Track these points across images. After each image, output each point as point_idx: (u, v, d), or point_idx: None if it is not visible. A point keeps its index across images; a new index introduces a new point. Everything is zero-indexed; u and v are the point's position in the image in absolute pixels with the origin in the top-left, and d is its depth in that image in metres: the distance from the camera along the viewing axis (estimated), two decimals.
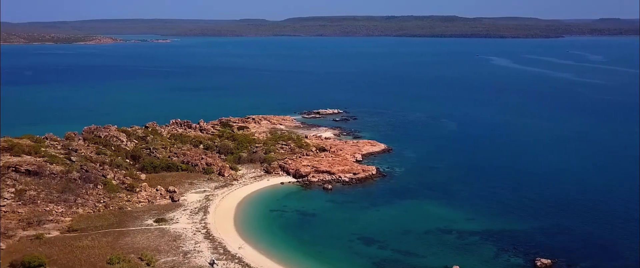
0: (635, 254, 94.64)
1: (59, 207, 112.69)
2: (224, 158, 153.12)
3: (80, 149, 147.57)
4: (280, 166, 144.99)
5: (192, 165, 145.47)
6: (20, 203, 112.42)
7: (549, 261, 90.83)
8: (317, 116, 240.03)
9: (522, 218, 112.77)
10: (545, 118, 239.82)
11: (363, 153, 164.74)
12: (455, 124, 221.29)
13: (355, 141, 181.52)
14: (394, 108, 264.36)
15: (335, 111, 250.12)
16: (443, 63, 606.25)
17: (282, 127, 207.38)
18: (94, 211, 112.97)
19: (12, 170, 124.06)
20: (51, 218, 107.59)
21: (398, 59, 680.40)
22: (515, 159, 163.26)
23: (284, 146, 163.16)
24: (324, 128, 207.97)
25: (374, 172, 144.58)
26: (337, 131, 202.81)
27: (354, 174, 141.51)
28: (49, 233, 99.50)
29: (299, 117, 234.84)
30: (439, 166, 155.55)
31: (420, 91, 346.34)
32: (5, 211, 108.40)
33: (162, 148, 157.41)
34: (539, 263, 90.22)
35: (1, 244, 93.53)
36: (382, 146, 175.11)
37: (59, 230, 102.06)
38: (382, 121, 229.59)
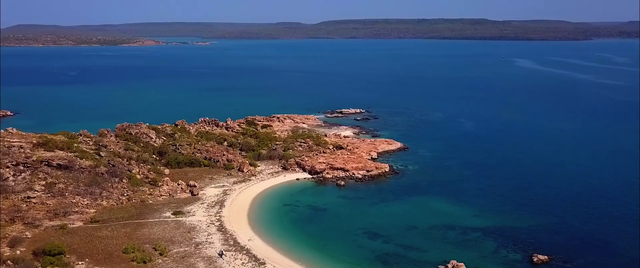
0: (634, 252, 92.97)
1: (84, 199, 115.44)
2: (245, 154, 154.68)
3: (110, 146, 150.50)
4: (297, 163, 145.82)
5: (213, 161, 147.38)
6: (49, 195, 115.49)
7: (546, 257, 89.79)
8: (340, 115, 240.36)
9: (526, 215, 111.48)
10: (561, 118, 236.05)
11: (379, 151, 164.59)
12: (472, 124, 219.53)
13: (372, 139, 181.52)
14: (415, 108, 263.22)
15: (358, 110, 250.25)
16: (468, 64, 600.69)
17: (304, 126, 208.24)
18: (117, 204, 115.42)
19: (45, 164, 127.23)
20: (77, 209, 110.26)
21: (425, 61, 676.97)
22: (527, 159, 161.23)
23: (302, 143, 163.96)
24: (345, 127, 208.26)
25: (387, 169, 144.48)
26: (356, 130, 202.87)
27: (367, 171, 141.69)
28: (73, 224, 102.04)
29: (322, 116, 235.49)
30: (451, 164, 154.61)
31: (443, 91, 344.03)
32: (34, 203, 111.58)
33: (187, 144, 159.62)
34: (535, 259, 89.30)
35: (27, 233, 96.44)
36: (399, 144, 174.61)
37: (82, 221, 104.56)
38: (401, 120, 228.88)
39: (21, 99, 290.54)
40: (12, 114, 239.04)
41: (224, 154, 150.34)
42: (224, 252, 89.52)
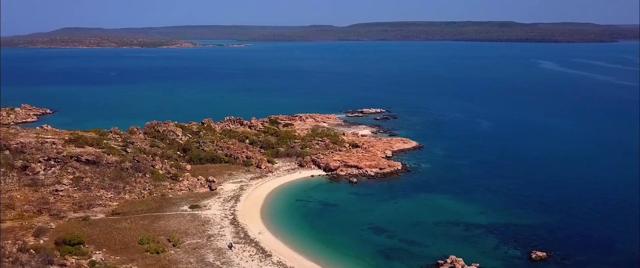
0: (634, 250, 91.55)
1: (108, 193, 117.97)
2: (264, 151, 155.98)
3: (137, 142, 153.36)
4: (312, 160, 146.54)
5: (234, 158, 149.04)
6: (76, 188, 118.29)
7: (544, 254, 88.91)
8: (360, 115, 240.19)
9: (530, 213, 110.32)
10: (578, 119, 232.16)
11: (394, 149, 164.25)
12: (488, 124, 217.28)
13: (389, 138, 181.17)
14: (434, 108, 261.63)
15: (378, 110, 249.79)
16: (492, 66, 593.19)
17: (325, 125, 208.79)
18: (138, 197, 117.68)
19: (75, 160, 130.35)
20: (100, 202, 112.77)
21: (449, 62, 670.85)
22: (539, 159, 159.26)
23: (319, 142, 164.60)
24: (363, 126, 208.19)
25: (400, 167, 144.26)
26: (374, 129, 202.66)
27: (380, 169, 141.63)
28: (95, 216, 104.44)
29: (343, 115, 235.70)
30: (463, 163, 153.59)
31: (463, 92, 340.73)
32: (61, 196, 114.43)
33: (210, 142, 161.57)
34: (534, 256, 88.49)
35: (52, 224, 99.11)
36: (414, 143, 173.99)
37: (104, 213, 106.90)
38: (420, 120, 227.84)
39: (61, 98, 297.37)
40: (51, 112, 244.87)
41: (243, 152, 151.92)
42: (233, 244, 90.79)
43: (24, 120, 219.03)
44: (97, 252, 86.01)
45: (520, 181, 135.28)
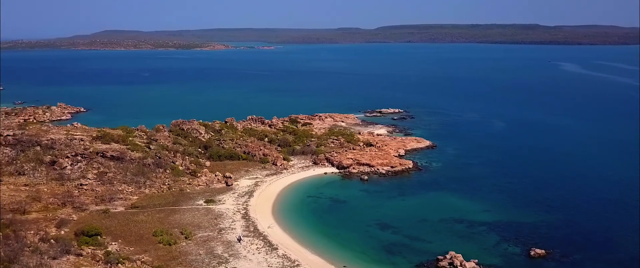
0: (634, 250, 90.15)
1: (130, 187, 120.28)
2: (280, 149, 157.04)
3: (160, 140, 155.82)
4: (326, 158, 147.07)
5: (251, 155, 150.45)
6: (99, 183, 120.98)
7: (543, 252, 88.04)
8: (378, 114, 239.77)
9: (534, 212, 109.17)
10: (594, 120, 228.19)
11: (407, 148, 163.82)
12: (502, 125, 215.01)
13: (403, 137, 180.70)
14: (452, 108, 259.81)
15: (396, 110, 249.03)
16: (513, 68, 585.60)
17: (343, 124, 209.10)
18: (158, 192, 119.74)
19: (100, 156, 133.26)
20: (121, 196, 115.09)
21: (472, 64, 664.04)
22: (550, 159, 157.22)
23: (334, 140, 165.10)
24: (380, 126, 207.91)
25: (411, 166, 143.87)
26: (391, 129, 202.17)
27: (392, 167, 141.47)
28: (115, 209, 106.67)
29: (362, 115, 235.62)
30: (474, 162, 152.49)
31: (482, 93, 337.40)
32: (85, 189, 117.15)
33: (230, 140, 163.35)
34: (533, 253, 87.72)
35: (74, 216, 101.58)
36: (427, 142, 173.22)
37: (124, 206, 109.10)
38: (436, 120, 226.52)
39: (95, 97, 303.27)
40: (85, 110, 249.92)
41: (260, 149, 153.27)
42: (242, 237, 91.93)
43: (58, 118, 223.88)
44: (113, 243, 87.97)
45: (527, 180, 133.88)
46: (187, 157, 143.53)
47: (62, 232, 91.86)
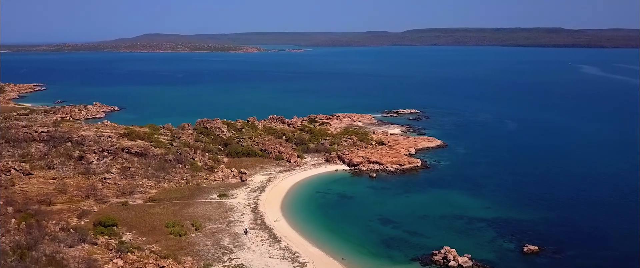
0: (627, 248, 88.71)
1: (150, 182, 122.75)
2: (295, 147, 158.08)
3: (183, 137, 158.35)
4: (338, 156, 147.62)
5: (267, 152, 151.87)
6: (122, 177, 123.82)
7: (536, 248, 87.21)
8: (395, 115, 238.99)
9: (534, 210, 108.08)
10: (603, 120, 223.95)
11: (418, 147, 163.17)
12: (514, 125, 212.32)
13: (415, 137, 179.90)
14: (467, 109, 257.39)
15: (413, 110, 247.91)
16: (533, 70, 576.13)
17: (360, 124, 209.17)
18: (176, 186, 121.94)
19: (125, 152, 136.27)
20: (141, 190, 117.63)
21: (493, 66, 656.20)
22: (557, 158, 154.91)
23: (348, 139, 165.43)
24: (395, 125, 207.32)
25: (419, 164, 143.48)
26: (405, 128, 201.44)
27: (400, 165, 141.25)
28: (134, 201, 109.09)
29: (379, 115, 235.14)
30: (481, 161, 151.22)
31: (499, 94, 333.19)
32: (109, 183, 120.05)
33: (248, 138, 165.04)
34: (526, 249, 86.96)
35: (95, 208, 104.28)
36: (439, 142, 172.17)
37: (143, 199, 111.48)
38: (450, 120, 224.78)
39: (129, 96, 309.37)
40: (118, 109, 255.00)
41: (276, 147, 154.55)
42: (248, 230, 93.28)
43: (93, 116, 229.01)
44: (128, 233, 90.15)
45: (531, 179, 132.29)
46: (206, 154, 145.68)
47: (82, 223, 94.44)
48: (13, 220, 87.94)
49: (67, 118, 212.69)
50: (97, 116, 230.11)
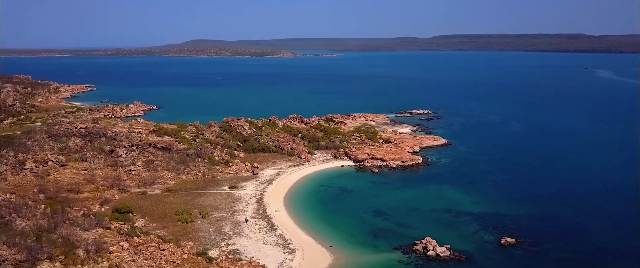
0: (607, 243, 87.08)
1: (170, 173, 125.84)
2: (307, 144, 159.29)
3: (206, 134, 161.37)
4: (345, 153, 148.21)
5: (281, 149, 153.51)
6: (146, 169, 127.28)
7: (514, 240, 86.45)
8: (408, 115, 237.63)
9: (521, 206, 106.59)
10: (608, 122, 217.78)
11: (422, 146, 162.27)
12: (519, 126, 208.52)
13: (421, 136, 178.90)
14: (477, 111, 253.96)
15: (425, 111, 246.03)
16: (548, 74, 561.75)
17: (372, 123, 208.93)
18: (193, 178, 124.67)
19: (152, 146, 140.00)
20: (161, 181, 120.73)
21: (511, 70, 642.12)
22: (556, 158, 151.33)
23: (356, 137, 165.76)
24: (406, 125, 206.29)
25: (420, 161, 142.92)
26: (415, 128, 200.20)
27: (402, 162, 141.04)
28: (153, 191, 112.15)
29: (392, 115, 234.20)
30: (481, 159, 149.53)
31: (512, 97, 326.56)
32: (133, 174, 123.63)
33: (265, 135, 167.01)
34: (503, 242, 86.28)
35: (117, 196, 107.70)
36: (443, 141, 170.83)
37: (161, 189, 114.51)
38: (459, 121, 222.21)
39: (169, 96, 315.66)
40: (156, 108, 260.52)
41: (289, 144, 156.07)
42: (249, 219, 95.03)
43: (133, 114, 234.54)
44: (141, 219, 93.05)
45: (525, 177, 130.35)
46: (225, 149, 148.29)
47: (103, 209, 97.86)
48: (43, 206, 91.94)
49: (109, 116, 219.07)
50: (136, 114, 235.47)
